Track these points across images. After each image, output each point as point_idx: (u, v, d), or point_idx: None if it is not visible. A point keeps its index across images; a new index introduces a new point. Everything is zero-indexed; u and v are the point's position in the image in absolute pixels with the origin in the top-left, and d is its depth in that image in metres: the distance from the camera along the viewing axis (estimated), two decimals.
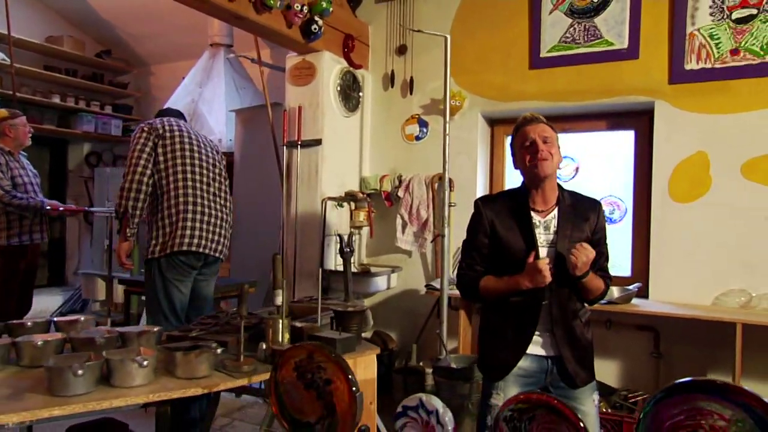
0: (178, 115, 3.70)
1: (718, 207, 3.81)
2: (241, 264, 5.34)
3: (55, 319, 2.45)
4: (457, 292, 3.96)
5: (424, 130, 4.65)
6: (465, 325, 4.19)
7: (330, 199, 4.42)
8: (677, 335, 3.80)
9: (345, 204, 4.57)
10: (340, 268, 4.40)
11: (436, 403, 1.24)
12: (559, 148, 2.39)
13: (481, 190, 4.53)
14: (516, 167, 2.47)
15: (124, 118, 7.37)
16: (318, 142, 4.38)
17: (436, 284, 4.10)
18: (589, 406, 2.37)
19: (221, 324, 2.44)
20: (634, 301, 3.74)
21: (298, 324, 2.37)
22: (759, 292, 3.66)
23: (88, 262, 6.83)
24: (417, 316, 4.51)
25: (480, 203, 2.50)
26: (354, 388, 1.30)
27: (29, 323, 2.33)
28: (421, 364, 4.24)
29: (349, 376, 1.32)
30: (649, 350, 3.88)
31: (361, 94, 4.75)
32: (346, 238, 3.07)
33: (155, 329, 2.27)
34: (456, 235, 3.99)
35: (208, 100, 5.73)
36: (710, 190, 3.83)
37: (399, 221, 4.51)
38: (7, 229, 4.40)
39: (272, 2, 3.63)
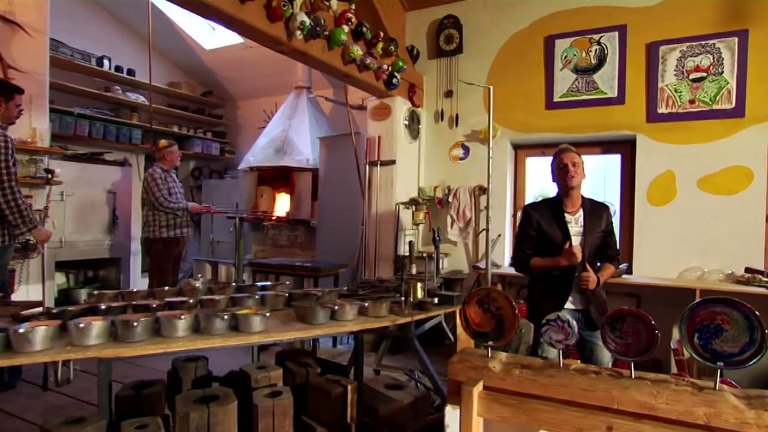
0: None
1: (681, 209, 4.25)
2: (325, 252, 5.83)
3: (261, 284, 3.06)
4: (497, 270, 4.63)
5: (466, 152, 5.11)
6: None
7: (401, 203, 4.94)
8: (653, 299, 4.22)
9: (410, 207, 5.08)
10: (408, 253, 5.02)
11: (567, 316, 1.88)
12: (583, 168, 2.88)
13: (509, 197, 5.00)
14: (553, 181, 2.96)
15: (220, 141, 7.85)
16: (393, 162, 4.90)
17: (480, 265, 4.69)
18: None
19: (375, 286, 3.07)
20: (624, 276, 4.19)
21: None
22: (710, 268, 4.12)
23: (194, 251, 7.38)
24: (462, 290, 5.03)
25: (529, 208, 3.01)
26: (516, 312, 1.96)
27: (262, 284, 2.96)
28: None
29: (513, 303, 1.98)
30: None
31: (419, 126, 5.23)
32: (437, 231, 3.62)
33: (343, 289, 2.90)
34: (492, 230, 4.58)
35: (296, 129, 6.19)
36: (676, 197, 4.26)
37: (449, 219, 5.03)
38: (165, 226, 4.91)
39: (372, 66, 4.24)
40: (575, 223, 2.91)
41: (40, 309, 2.22)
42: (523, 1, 4.85)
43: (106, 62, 6.05)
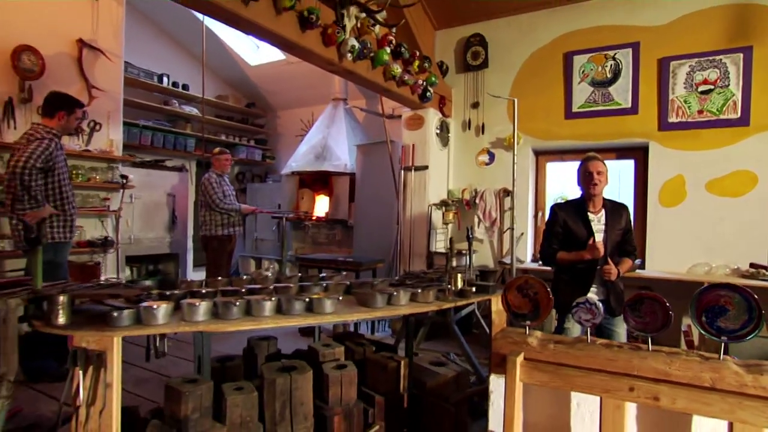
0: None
1: (690, 210, 4.42)
2: (361, 249, 6.10)
3: (323, 274, 3.37)
4: (521, 265, 4.87)
5: (491, 158, 5.34)
6: None
7: (433, 205, 5.21)
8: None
9: (441, 207, 5.35)
10: (440, 250, 5.29)
11: (595, 299, 2.15)
12: (606, 176, 3.10)
13: (531, 199, 5.22)
14: (578, 185, 3.16)
15: (262, 148, 8.22)
16: (426, 167, 5.16)
17: (506, 260, 4.94)
18: (621, 328, 3.08)
19: (420, 276, 3.35)
20: (637, 270, 4.34)
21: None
22: (716, 263, 4.27)
23: (239, 248, 7.68)
24: (494, 281, 5.24)
25: (556, 208, 3.21)
26: (551, 296, 2.23)
27: (322, 275, 3.26)
28: None
29: (548, 289, 2.25)
30: None
31: (449, 134, 5.48)
32: (470, 230, 3.87)
33: (393, 279, 3.19)
34: (516, 228, 4.79)
35: (334, 137, 6.49)
36: (686, 199, 4.44)
37: (476, 219, 5.27)
38: (221, 225, 5.25)
39: (409, 81, 4.53)
40: (598, 221, 3.10)
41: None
42: (544, 21, 5.09)
43: (165, 79, 6.44)
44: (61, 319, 2.08)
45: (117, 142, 4.88)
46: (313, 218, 6.68)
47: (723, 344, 1.88)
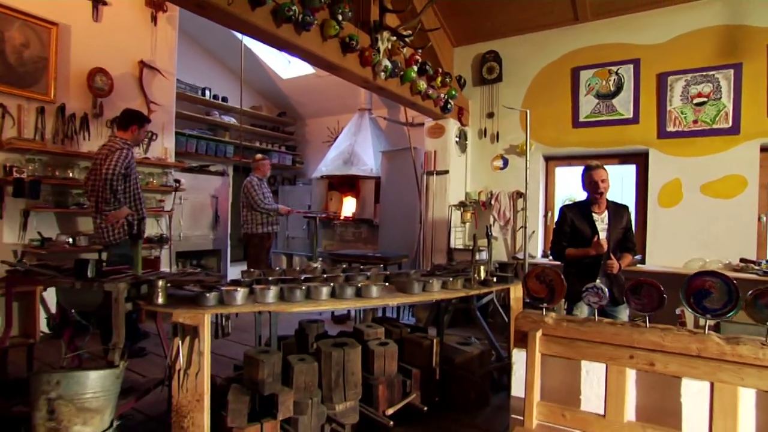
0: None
1: (686, 211, 4.64)
2: (386, 245, 6.40)
3: (362, 267, 3.70)
4: (532, 260, 5.16)
5: (505, 163, 5.61)
6: None
7: (452, 205, 5.54)
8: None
9: (459, 208, 5.67)
10: (458, 246, 5.61)
11: (602, 285, 2.46)
12: (609, 182, 3.32)
13: (541, 200, 5.49)
14: (584, 189, 3.41)
15: (292, 154, 8.55)
16: (446, 171, 5.46)
17: (519, 256, 5.24)
18: (623, 315, 3.33)
19: (447, 268, 3.68)
20: (638, 265, 4.58)
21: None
22: (710, 258, 4.48)
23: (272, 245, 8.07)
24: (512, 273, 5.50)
25: (565, 209, 3.48)
26: (565, 282, 2.55)
27: (361, 268, 3.60)
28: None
29: (562, 277, 2.57)
30: None
31: (466, 142, 5.76)
32: (489, 228, 4.17)
33: (425, 270, 3.51)
34: (528, 227, 5.05)
35: (361, 144, 6.82)
36: (682, 200, 4.66)
37: (491, 219, 5.56)
38: (261, 224, 5.61)
39: (433, 95, 4.86)
40: (601, 221, 3.37)
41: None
42: (554, 39, 5.37)
43: (207, 92, 6.83)
44: (161, 300, 2.43)
45: (170, 150, 5.27)
46: (342, 218, 7.02)
47: (707, 321, 2.19)
